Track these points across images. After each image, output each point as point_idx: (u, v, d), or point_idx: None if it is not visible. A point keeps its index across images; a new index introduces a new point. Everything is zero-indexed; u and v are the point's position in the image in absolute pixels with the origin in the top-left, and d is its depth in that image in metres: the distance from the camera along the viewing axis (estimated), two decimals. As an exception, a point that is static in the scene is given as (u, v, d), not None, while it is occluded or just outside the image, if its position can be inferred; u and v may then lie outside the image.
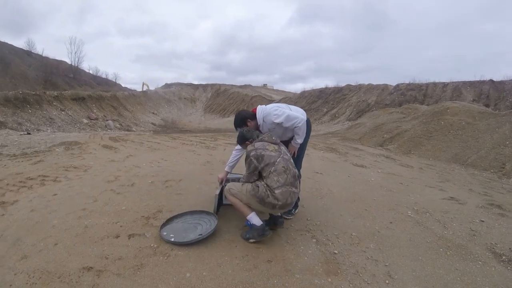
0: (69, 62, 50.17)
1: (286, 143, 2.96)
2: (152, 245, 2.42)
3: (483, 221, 3.12)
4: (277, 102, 24.62)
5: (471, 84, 17.90)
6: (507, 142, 6.96)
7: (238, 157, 3.05)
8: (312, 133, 3.26)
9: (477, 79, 18.04)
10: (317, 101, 23.30)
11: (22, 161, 5.34)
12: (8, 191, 3.69)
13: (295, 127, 2.81)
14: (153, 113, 28.09)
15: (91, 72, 58.12)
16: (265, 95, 32.47)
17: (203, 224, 2.71)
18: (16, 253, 2.26)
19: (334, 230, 2.76)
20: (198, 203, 3.32)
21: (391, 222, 2.98)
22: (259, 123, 2.85)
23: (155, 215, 2.98)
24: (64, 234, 2.57)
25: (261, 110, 2.86)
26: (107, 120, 17.90)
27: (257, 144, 2.50)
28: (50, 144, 7.02)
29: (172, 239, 2.45)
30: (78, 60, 51.17)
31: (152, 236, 2.57)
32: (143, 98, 30.06)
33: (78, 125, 15.22)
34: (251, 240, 2.47)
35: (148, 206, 3.21)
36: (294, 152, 2.97)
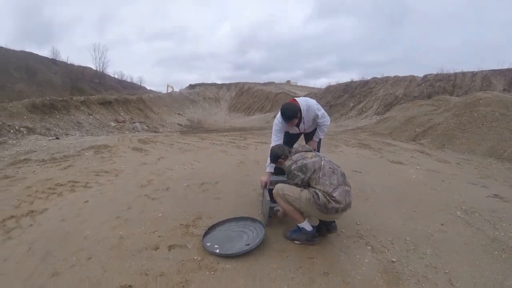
0: (94, 68, 51.88)
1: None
2: (195, 257, 2.25)
3: None
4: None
5: (501, 72, 17.09)
6: None
7: None
8: (340, 129, 3.30)
9: (506, 66, 17.21)
10: (343, 96, 22.79)
11: (51, 167, 5.22)
12: (37, 199, 3.56)
13: (324, 125, 3.05)
14: (179, 114, 28.51)
15: (116, 76, 59.75)
16: (289, 92, 32.20)
17: (249, 232, 2.55)
18: (47, 269, 2.12)
19: (387, 235, 2.63)
20: (238, 208, 3.17)
21: (442, 224, 2.87)
22: (302, 115, 2.88)
23: (194, 223, 2.82)
24: (97, 247, 2.41)
25: (304, 101, 2.92)
26: (134, 123, 18.06)
27: (295, 157, 2.40)
28: (79, 148, 7.01)
29: (217, 251, 2.28)
30: (103, 66, 52.78)
31: (194, 247, 2.40)
32: (168, 100, 30.58)
33: (106, 128, 15.42)
34: (296, 242, 2.40)
35: (187, 213, 3.05)
36: (314, 148, 3.00)
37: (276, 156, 2.54)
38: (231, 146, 7.40)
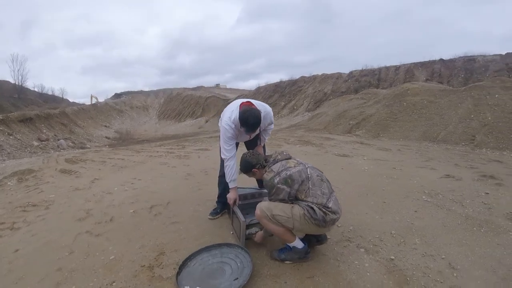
0: (13, 81, 45.43)
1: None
2: None
3: (487, 193, 3.30)
4: (233, 100, 24.34)
5: (423, 64, 18.88)
6: (472, 116, 7.40)
7: (235, 166, 2.52)
8: (275, 128, 3.06)
9: (427, 59, 19.06)
10: (273, 96, 23.28)
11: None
12: None
13: (270, 129, 2.84)
14: (106, 126, 26.47)
15: (36, 90, 53.09)
16: (220, 95, 31.78)
17: (231, 262, 2.09)
18: None
19: (372, 233, 2.52)
20: (204, 232, 2.66)
21: (415, 211, 2.92)
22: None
23: (158, 261, 2.22)
24: None
25: (262, 107, 2.54)
26: (58, 140, 16.24)
27: (275, 167, 2.04)
28: (1, 176, 5.67)
29: None
30: (22, 78, 46.38)
31: None
32: (93, 112, 28.29)
33: (28, 149, 13.44)
34: (287, 262, 2.07)
35: (144, 248, 2.43)
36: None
37: (250, 166, 2.18)
38: (171, 157, 6.71)
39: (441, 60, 18.01)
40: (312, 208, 1.89)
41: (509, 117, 6.72)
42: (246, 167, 2.19)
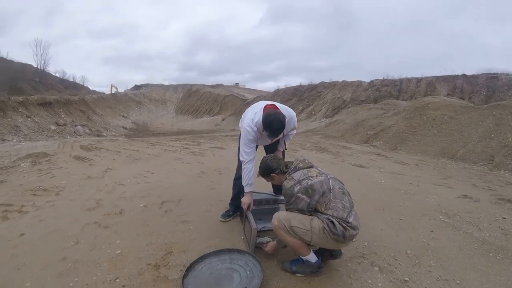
0: (35, 65, 46.54)
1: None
2: None
3: (505, 218, 3.19)
4: (251, 102, 24.25)
5: (445, 78, 18.47)
6: (492, 135, 7.14)
7: (253, 170, 2.44)
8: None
9: (449, 73, 18.67)
10: (292, 99, 23.17)
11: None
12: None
13: (292, 134, 2.78)
14: (123, 116, 26.79)
15: (57, 75, 54.01)
16: (238, 94, 31.92)
17: (240, 270, 2.02)
18: None
19: (388, 251, 2.42)
20: (214, 233, 2.62)
21: (432, 231, 2.83)
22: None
23: (165, 261, 2.17)
24: None
25: (285, 111, 2.44)
26: (76, 126, 16.61)
27: (296, 175, 1.95)
28: (15, 158, 5.76)
29: None
30: (44, 63, 47.55)
31: None
32: (112, 101, 28.58)
33: (45, 132, 13.82)
34: (299, 275, 1.99)
35: (151, 246, 2.39)
36: None
37: (270, 170, 2.09)
38: (185, 153, 6.72)
39: (464, 75, 17.63)
40: (332, 222, 1.81)
41: (529, 140, 6.44)
42: (266, 171, 2.11)
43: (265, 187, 3.03)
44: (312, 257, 1.96)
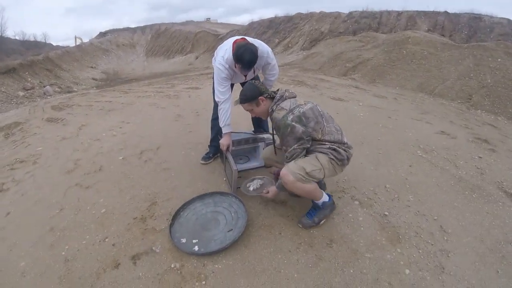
0: None
1: None
2: (172, 265, 1.72)
3: (481, 157, 3.23)
4: (224, 36, 22.90)
5: (426, 14, 17.80)
6: (471, 75, 7.14)
7: (229, 109, 2.35)
8: None
9: (431, 9, 17.99)
10: (267, 32, 21.94)
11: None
12: None
13: (274, 78, 2.56)
14: (92, 67, 24.94)
15: (17, 38, 49.16)
16: (210, 30, 29.79)
17: (224, 212, 2.06)
18: None
19: (367, 185, 2.52)
20: (196, 179, 2.60)
21: (410, 166, 2.88)
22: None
23: (151, 212, 2.18)
24: (43, 286, 1.69)
25: (257, 43, 2.25)
26: (44, 87, 15.45)
27: (285, 104, 1.82)
28: None
29: (197, 249, 1.78)
30: (1, 28, 42.87)
31: (165, 249, 1.84)
32: (78, 54, 26.18)
33: (14, 100, 12.96)
34: (322, 222, 1.99)
35: (135, 199, 2.36)
36: None
37: (258, 93, 1.87)
38: (160, 97, 6.44)
39: (446, 12, 17.00)
40: (334, 149, 1.80)
41: (508, 83, 6.50)
42: (254, 93, 1.87)
43: (244, 127, 2.99)
44: (325, 197, 1.98)
